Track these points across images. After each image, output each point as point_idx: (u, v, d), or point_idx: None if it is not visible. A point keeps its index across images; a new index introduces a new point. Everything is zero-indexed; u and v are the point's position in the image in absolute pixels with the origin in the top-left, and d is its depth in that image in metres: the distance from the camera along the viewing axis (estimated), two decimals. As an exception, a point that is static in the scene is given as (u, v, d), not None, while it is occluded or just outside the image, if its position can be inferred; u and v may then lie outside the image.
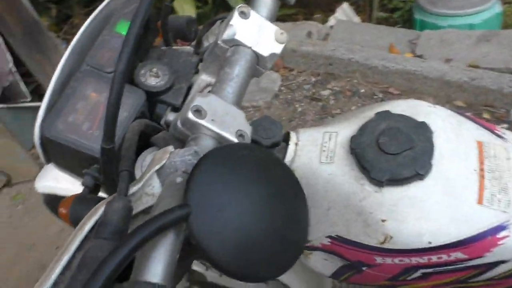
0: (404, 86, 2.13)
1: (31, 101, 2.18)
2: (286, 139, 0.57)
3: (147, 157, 0.46)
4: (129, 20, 0.50)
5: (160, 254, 0.31)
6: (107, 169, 0.40)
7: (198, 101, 0.41)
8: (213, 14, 2.89)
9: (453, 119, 0.55)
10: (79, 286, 0.28)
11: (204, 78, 0.54)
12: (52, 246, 1.88)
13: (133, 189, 0.37)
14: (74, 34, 0.49)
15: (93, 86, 0.46)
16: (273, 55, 0.49)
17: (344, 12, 2.98)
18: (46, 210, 1.53)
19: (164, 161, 0.38)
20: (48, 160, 0.48)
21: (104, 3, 0.52)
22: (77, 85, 0.45)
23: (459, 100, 2.01)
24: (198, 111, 0.40)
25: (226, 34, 0.47)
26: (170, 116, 0.51)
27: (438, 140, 0.50)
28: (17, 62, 2.05)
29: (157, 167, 0.38)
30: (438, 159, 0.49)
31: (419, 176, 0.48)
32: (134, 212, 0.36)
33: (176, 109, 0.52)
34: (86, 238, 0.35)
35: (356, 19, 2.99)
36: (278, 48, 0.49)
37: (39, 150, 0.45)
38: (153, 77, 0.50)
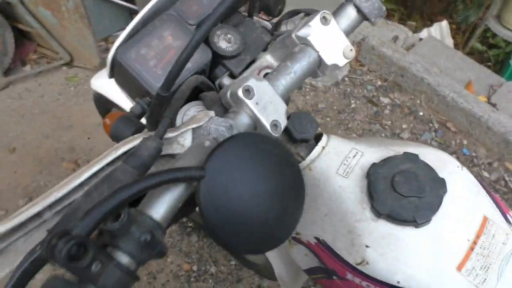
0: (463, 127, 2.07)
1: (116, -3, 2.28)
2: (317, 138, 0.61)
3: (190, 109, 0.51)
4: None
5: (166, 198, 0.37)
6: (155, 111, 0.45)
7: (251, 82, 0.45)
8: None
9: (473, 188, 0.56)
10: (97, 197, 0.35)
11: (268, 58, 0.57)
12: (85, 135, 2.02)
13: (169, 134, 0.43)
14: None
15: (172, 31, 0.51)
16: (335, 65, 0.52)
17: (440, 29, 2.84)
18: (92, 102, 1.63)
19: (202, 123, 0.43)
20: (111, 76, 0.54)
21: None
22: (159, 25, 0.50)
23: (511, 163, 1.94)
24: (247, 91, 0.45)
25: (301, 32, 0.50)
26: (226, 81, 0.55)
27: (448, 200, 0.52)
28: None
29: (194, 125, 0.43)
30: (440, 217, 0.52)
31: (415, 224, 0.51)
32: (162, 153, 0.42)
33: (233, 76, 0.56)
34: (117, 158, 0.41)
35: (449, 41, 2.85)
36: (342, 62, 0.52)
37: (108, 66, 0.51)
38: (225, 41, 0.54)
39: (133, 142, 0.41)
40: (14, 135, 2.00)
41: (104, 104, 1.14)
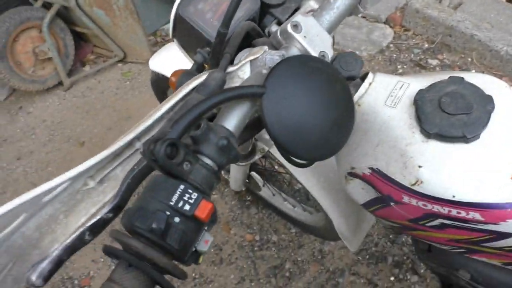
0: (521, 80, 1.99)
1: (164, -8, 2.39)
2: (363, 77, 0.65)
3: (245, 54, 0.57)
4: None
5: (235, 113, 0.44)
6: (217, 49, 0.52)
7: (299, 18, 0.50)
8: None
9: (523, 105, 0.58)
10: (177, 116, 0.42)
11: (311, 3, 0.62)
12: (144, 123, 2.16)
13: (230, 69, 0.49)
14: None
15: None
16: (375, -1, 0.56)
17: (489, -16, 2.70)
18: (147, 92, 1.72)
19: (258, 55, 0.49)
20: (174, 36, 0.61)
21: None
22: None
23: None
24: (295, 26, 0.50)
25: None
26: (273, 28, 0.61)
27: (497, 116, 0.54)
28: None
29: (252, 57, 0.49)
30: (490, 131, 0.54)
31: (465, 139, 0.54)
32: (225, 87, 0.48)
33: (280, 23, 0.62)
34: (188, 93, 0.48)
35: (500, -5, 2.71)
36: (381, -7, 0.56)
37: (171, 24, 0.58)
38: None
39: (202, 77, 0.48)
40: (82, 130, 2.18)
41: (161, 84, 1.24)
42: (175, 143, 0.36)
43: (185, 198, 0.36)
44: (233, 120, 0.43)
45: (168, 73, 1.16)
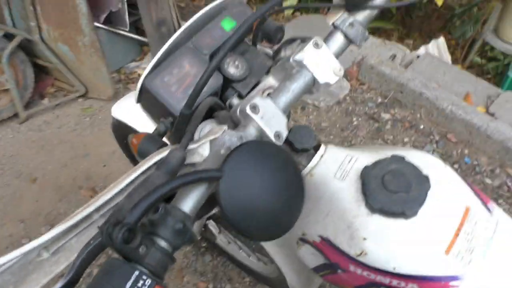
0: (463, 137, 2.14)
1: (128, 31, 2.42)
2: (316, 148, 0.69)
3: (206, 126, 0.60)
4: (234, 19, 0.64)
5: (193, 195, 0.46)
6: (179, 126, 0.55)
7: (257, 100, 0.54)
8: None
9: (456, 182, 0.64)
10: (137, 197, 0.43)
11: (270, 80, 0.67)
12: (101, 163, 2.11)
13: (190, 146, 0.52)
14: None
15: (190, 60, 0.61)
16: (327, 84, 0.61)
17: (437, 46, 2.94)
18: (107, 130, 1.69)
19: (217, 135, 0.52)
20: (139, 101, 0.64)
21: (219, 1, 0.66)
22: (179, 56, 0.60)
23: (512, 169, 2.00)
24: (254, 108, 0.54)
25: (297, 56, 0.60)
26: (234, 101, 0.65)
27: (433, 194, 0.60)
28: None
29: (211, 137, 0.52)
30: (426, 209, 0.59)
31: (405, 215, 0.59)
32: (186, 162, 0.51)
33: (241, 96, 0.66)
34: (149, 168, 0.50)
35: (447, 56, 2.94)
36: (333, 80, 0.61)
37: (137, 91, 0.60)
38: (233, 67, 0.64)
39: (163, 153, 0.50)
40: (35, 166, 2.11)
41: (122, 131, 1.24)
42: (132, 228, 0.38)
43: (139, 285, 0.37)
44: (190, 201, 0.46)
45: (130, 122, 1.18)
